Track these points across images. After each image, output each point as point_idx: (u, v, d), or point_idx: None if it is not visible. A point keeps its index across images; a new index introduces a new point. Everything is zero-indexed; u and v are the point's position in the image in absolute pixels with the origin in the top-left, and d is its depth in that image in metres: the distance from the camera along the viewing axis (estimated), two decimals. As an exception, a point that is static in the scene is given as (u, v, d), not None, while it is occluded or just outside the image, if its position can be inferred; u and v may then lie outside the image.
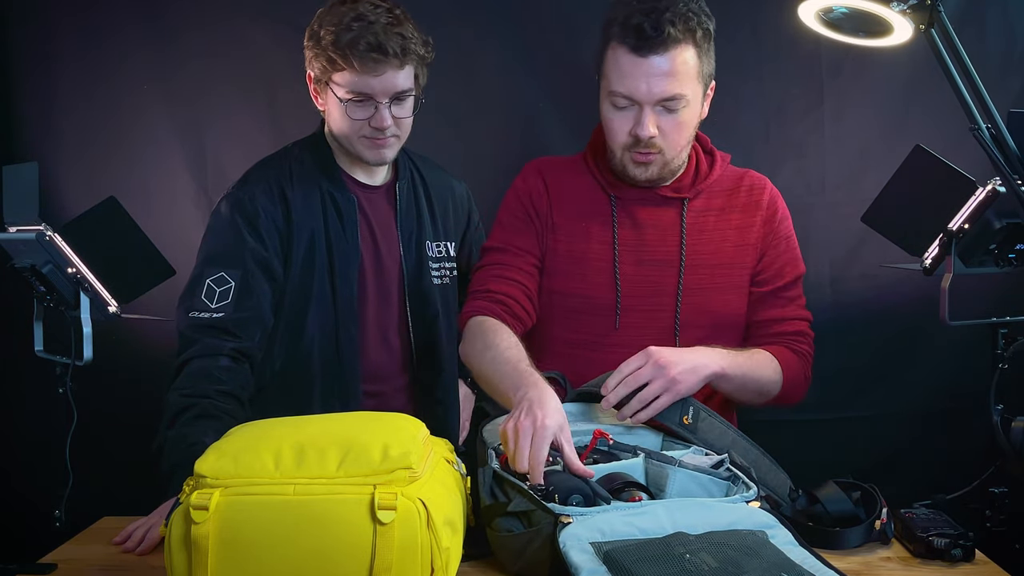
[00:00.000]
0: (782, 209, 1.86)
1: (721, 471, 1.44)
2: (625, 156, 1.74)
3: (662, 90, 1.67)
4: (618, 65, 1.68)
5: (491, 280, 1.80)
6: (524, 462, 1.37)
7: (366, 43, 1.73)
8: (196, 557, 1.15)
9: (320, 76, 1.82)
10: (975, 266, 1.57)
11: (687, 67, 1.68)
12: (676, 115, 1.70)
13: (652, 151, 1.72)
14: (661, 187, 1.81)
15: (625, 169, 1.76)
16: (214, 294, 1.76)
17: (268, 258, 1.81)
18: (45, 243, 1.56)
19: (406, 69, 1.79)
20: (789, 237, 1.86)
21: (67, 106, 2.45)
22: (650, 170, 1.75)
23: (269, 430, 1.28)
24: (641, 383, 1.55)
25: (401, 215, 1.95)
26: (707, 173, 1.82)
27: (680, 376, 1.56)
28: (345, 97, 1.79)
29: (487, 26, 2.45)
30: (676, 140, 1.73)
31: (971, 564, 1.36)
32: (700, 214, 1.80)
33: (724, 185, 1.84)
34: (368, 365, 1.90)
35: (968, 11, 2.34)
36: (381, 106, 1.79)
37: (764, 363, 1.73)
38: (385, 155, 1.86)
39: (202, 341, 1.72)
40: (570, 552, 1.21)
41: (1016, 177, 1.37)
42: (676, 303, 1.77)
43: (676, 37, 1.65)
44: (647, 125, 1.68)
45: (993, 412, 1.50)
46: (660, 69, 1.66)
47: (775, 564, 1.18)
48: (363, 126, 1.81)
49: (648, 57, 1.65)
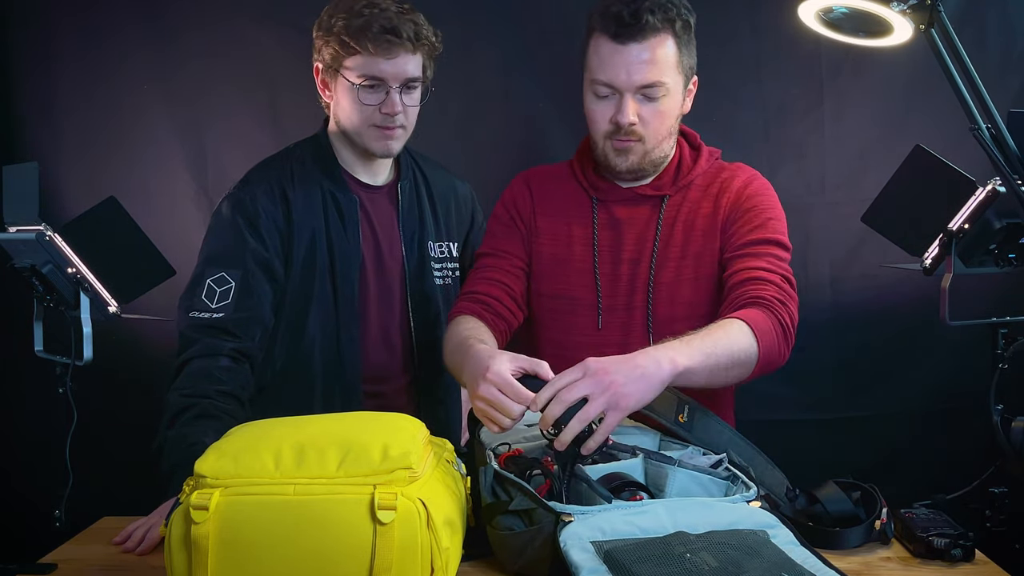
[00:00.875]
0: (755, 187, 1.79)
1: (720, 471, 1.44)
2: (606, 145, 1.76)
3: (642, 77, 1.69)
4: (599, 53, 1.71)
5: (476, 282, 1.83)
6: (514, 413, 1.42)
7: (380, 26, 1.76)
8: (196, 557, 1.15)
9: (331, 63, 1.83)
10: (975, 266, 1.57)
11: (666, 56, 1.70)
12: (656, 103, 1.72)
13: (632, 138, 1.73)
14: (642, 186, 1.82)
15: (607, 158, 1.77)
16: (214, 294, 1.76)
17: (269, 258, 1.81)
18: (45, 243, 1.56)
19: (417, 56, 1.82)
20: (758, 209, 1.77)
21: (67, 106, 2.46)
22: (630, 159, 1.76)
23: (269, 430, 1.28)
24: (576, 399, 1.37)
25: (403, 215, 1.95)
26: (690, 168, 1.83)
27: (626, 389, 1.38)
28: (357, 81, 1.80)
29: (487, 26, 2.45)
30: (656, 129, 1.74)
31: (971, 564, 1.36)
32: (677, 209, 1.81)
33: (705, 180, 1.83)
34: (369, 365, 1.90)
35: (968, 11, 2.34)
36: (392, 91, 1.80)
37: (726, 335, 1.57)
38: (391, 147, 1.86)
39: (202, 341, 1.73)
40: (571, 551, 1.21)
41: (1016, 177, 1.37)
42: (647, 300, 1.77)
43: (655, 25, 1.68)
44: (627, 112, 1.70)
45: (993, 412, 1.50)
46: (639, 57, 1.68)
47: (776, 564, 1.18)
48: (373, 113, 1.81)
49: (627, 44, 1.68)
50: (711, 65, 1.84)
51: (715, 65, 1.93)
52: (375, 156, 1.90)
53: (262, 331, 1.80)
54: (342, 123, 1.87)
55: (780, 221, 1.78)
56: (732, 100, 2.43)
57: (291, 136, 2.03)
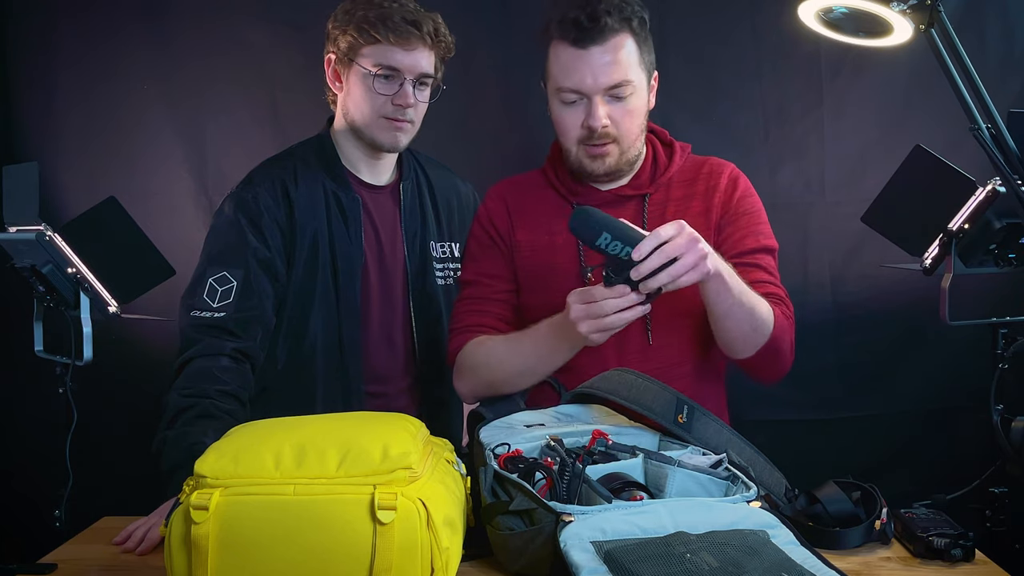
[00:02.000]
0: (743, 187, 1.83)
1: (720, 471, 1.44)
2: (580, 151, 1.75)
3: (608, 79, 1.69)
4: (560, 61, 1.71)
5: (468, 315, 1.81)
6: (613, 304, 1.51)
7: (401, 17, 1.80)
8: (196, 557, 1.15)
9: (347, 52, 1.84)
10: (975, 266, 1.57)
11: (628, 55, 1.71)
12: (624, 103, 1.72)
13: (606, 141, 1.73)
14: (621, 187, 1.81)
15: (582, 165, 1.77)
16: (216, 293, 1.76)
17: (271, 258, 1.81)
18: (45, 243, 1.56)
19: (432, 53, 1.85)
20: (751, 212, 1.82)
21: (67, 106, 2.46)
22: (607, 162, 1.76)
23: (269, 430, 1.28)
24: (674, 255, 1.48)
25: (405, 214, 1.95)
26: (667, 165, 1.83)
27: (709, 254, 1.51)
28: (373, 70, 1.81)
29: (487, 26, 2.45)
30: (628, 128, 1.74)
31: (971, 564, 1.36)
32: (660, 206, 1.80)
33: (685, 176, 1.83)
34: (371, 365, 1.90)
35: (968, 11, 2.34)
36: (407, 82, 1.81)
37: (757, 298, 1.66)
38: (399, 139, 1.87)
39: (203, 341, 1.73)
40: (571, 551, 1.21)
41: (1016, 177, 1.37)
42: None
43: (613, 26, 1.68)
44: (597, 115, 1.70)
45: (993, 412, 1.50)
46: (602, 59, 1.69)
47: (776, 564, 1.18)
48: (385, 103, 1.82)
49: (589, 48, 1.68)
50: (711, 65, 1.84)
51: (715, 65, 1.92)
52: (381, 151, 1.90)
53: (264, 331, 1.80)
54: (351, 114, 1.87)
55: (767, 222, 1.83)
56: (732, 100, 2.43)
57: (291, 135, 2.03)
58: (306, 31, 1.90)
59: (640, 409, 1.56)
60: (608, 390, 1.62)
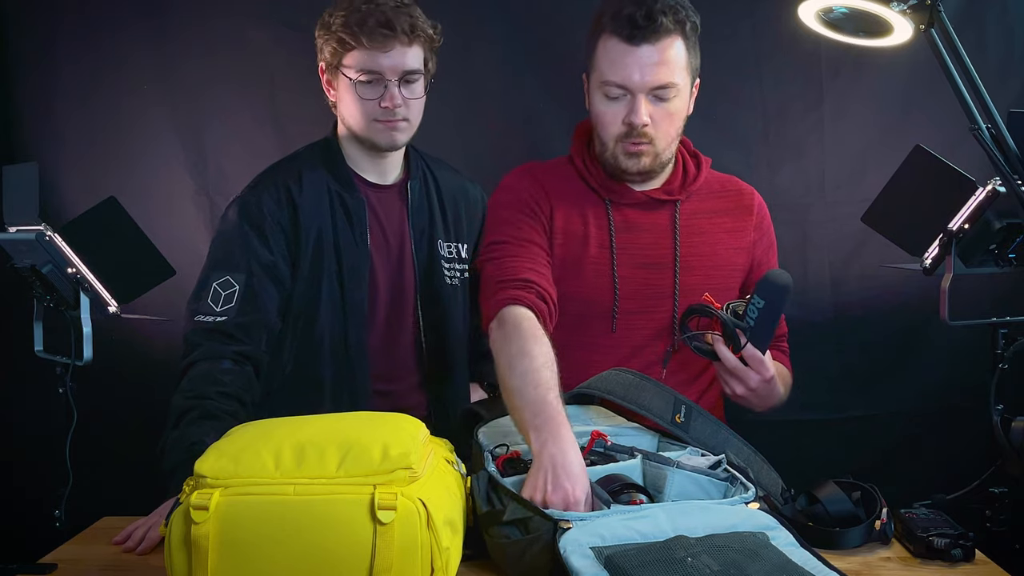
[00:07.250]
0: (768, 217, 1.91)
1: (719, 471, 1.44)
2: (617, 147, 1.75)
3: (655, 78, 1.69)
4: (610, 55, 1.71)
5: (524, 270, 1.72)
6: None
7: (375, 20, 1.78)
8: (196, 557, 1.15)
9: (331, 61, 1.84)
10: (975, 266, 1.57)
11: (677, 57, 1.71)
12: (667, 104, 1.72)
13: (644, 140, 1.73)
14: (653, 190, 1.82)
15: (617, 161, 1.77)
16: (219, 298, 1.76)
17: (274, 262, 1.81)
18: (45, 243, 1.56)
19: (415, 49, 1.82)
20: (773, 245, 1.91)
21: (67, 106, 2.46)
22: (642, 161, 1.76)
23: (269, 430, 1.28)
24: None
25: (413, 213, 1.94)
26: (695, 175, 1.85)
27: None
28: (355, 77, 1.80)
29: (487, 26, 2.45)
30: (667, 130, 1.75)
31: (971, 564, 1.36)
32: (692, 216, 1.82)
33: (712, 188, 1.87)
34: (378, 365, 1.90)
35: (968, 11, 2.34)
36: (391, 84, 1.81)
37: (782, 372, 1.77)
38: (397, 138, 1.86)
39: (206, 345, 1.73)
40: (571, 557, 1.20)
41: (1016, 177, 1.37)
42: (673, 305, 1.77)
43: (667, 27, 1.68)
44: (640, 112, 1.70)
45: (993, 412, 1.50)
46: (652, 58, 1.69)
47: (777, 566, 1.18)
48: (374, 107, 1.82)
49: (640, 46, 1.68)
50: (711, 65, 1.84)
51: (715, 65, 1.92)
52: (382, 150, 1.90)
53: (268, 334, 1.80)
54: (346, 120, 1.88)
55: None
56: (732, 100, 2.43)
57: (291, 135, 2.03)
58: (306, 31, 1.90)
59: (638, 409, 1.56)
60: (606, 390, 1.62)
